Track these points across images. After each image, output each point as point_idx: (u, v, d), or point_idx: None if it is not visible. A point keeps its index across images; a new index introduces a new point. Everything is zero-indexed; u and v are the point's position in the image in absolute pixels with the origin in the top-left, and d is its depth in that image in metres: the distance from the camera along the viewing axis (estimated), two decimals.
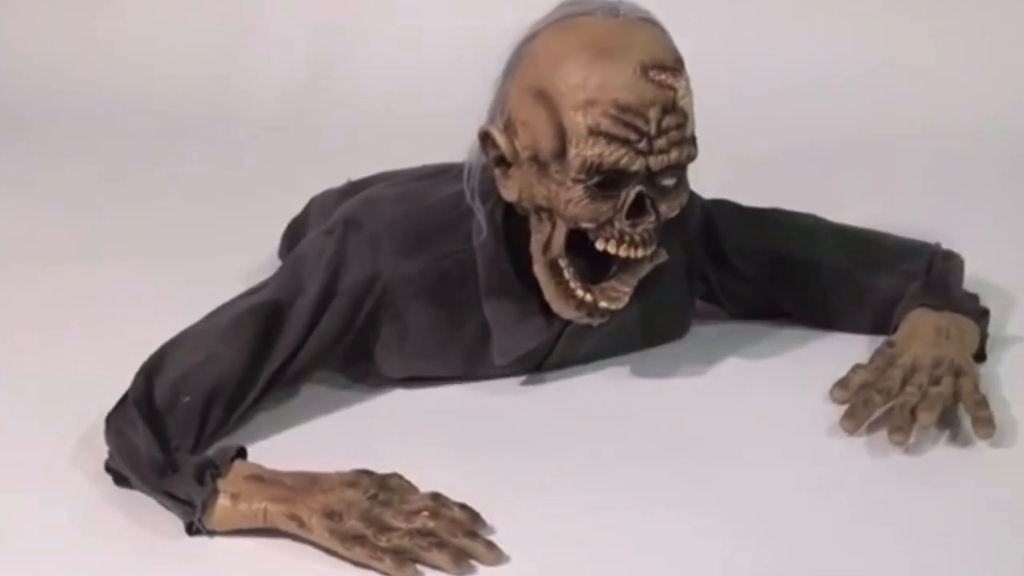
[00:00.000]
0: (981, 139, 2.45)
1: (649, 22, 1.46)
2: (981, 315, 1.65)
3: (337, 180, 1.94)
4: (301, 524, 1.29)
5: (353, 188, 1.84)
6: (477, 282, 1.54)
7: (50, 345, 1.78)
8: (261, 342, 1.48)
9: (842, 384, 1.51)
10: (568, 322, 1.56)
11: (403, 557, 1.26)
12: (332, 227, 1.56)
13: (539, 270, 1.51)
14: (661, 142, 1.42)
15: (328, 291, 1.51)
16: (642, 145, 1.41)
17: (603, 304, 1.49)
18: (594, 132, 1.39)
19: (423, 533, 1.27)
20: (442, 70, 2.71)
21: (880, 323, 1.68)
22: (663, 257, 1.50)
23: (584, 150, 1.40)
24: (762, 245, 1.70)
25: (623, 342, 1.66)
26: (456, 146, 1.57)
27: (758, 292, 1.72)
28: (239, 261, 1.98)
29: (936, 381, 1.49)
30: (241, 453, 1.39)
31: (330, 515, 1.28)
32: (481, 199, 1.52)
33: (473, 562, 1.27)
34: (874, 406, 1.48)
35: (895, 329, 1.63)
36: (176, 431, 1.40)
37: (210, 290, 1.86)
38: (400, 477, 1.35)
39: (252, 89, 2.85)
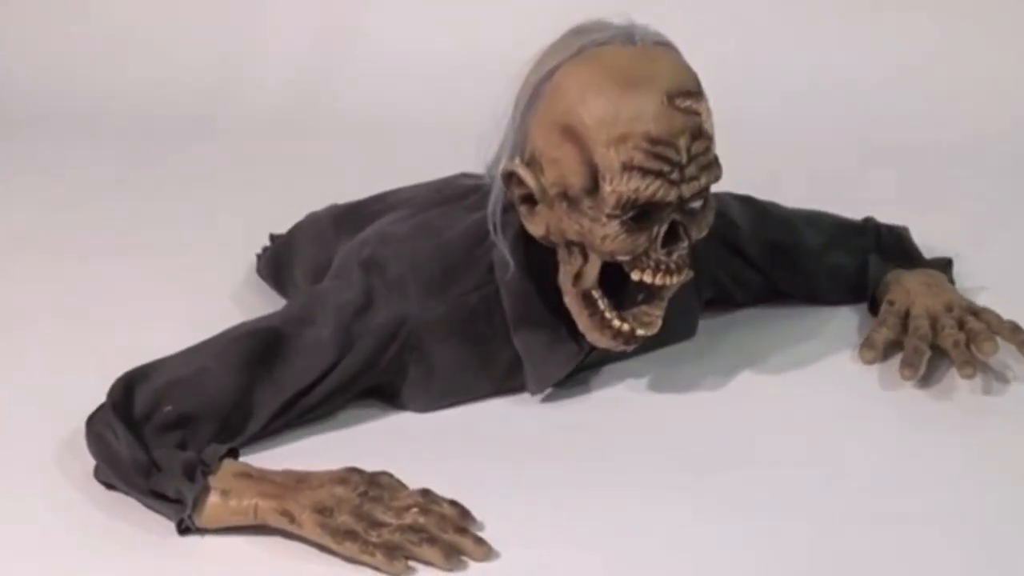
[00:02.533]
0: (988, 146, 2.45)
1: (665, 45, 1.45)
2: (946, 265, 1.79)
3: (336, 182, 1.92)
4: (292, 519, 1.29)
5: (342, 214, 1.80)
6: (503, 314, 1.53)
7: (48, 343, 1.76)
8: (256, 364, 1.45)
9: (869, 345, 1.61)
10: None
11: (394, 552, 1.26)
12: (347, 269, 1.54)
13: (570, 301, 1.49)
14: (691, 169, 1.41)
15: (352, 330, 1.48)
16: (675, 175, 1.39)
17: (640, 332, 1.49)
18: (628, 167, 1.38)
19: (413, 529, 1.28)
20: (441, 77, 2.69)
21: (857, 294, 1.77)
22: (690, 276, 1.49)
23: (619, 186, 1.38)
24: (761, 231, 1.74)
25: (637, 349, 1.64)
26: (452, 152, 1.55)
27: (765, 278, 1.75)
28: (238, 262, 1.96)
29: (960, 321, 1.60)
30: (231, 452, 1.38)
31: (321, 510, 1.28)
32: (501, 231, 1.50)
33: (463, 558, 1.28)
34: (923, 351, 1.57)
35: (874, 295, 1.74)
36: (152, 437, 1.38)
37: (209, 290, 1.89)
38: (390, 475, 1.35)
39: (252, 91, 2.81)
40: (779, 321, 1.76)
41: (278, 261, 1.86)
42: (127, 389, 1.41)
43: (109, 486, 1.40)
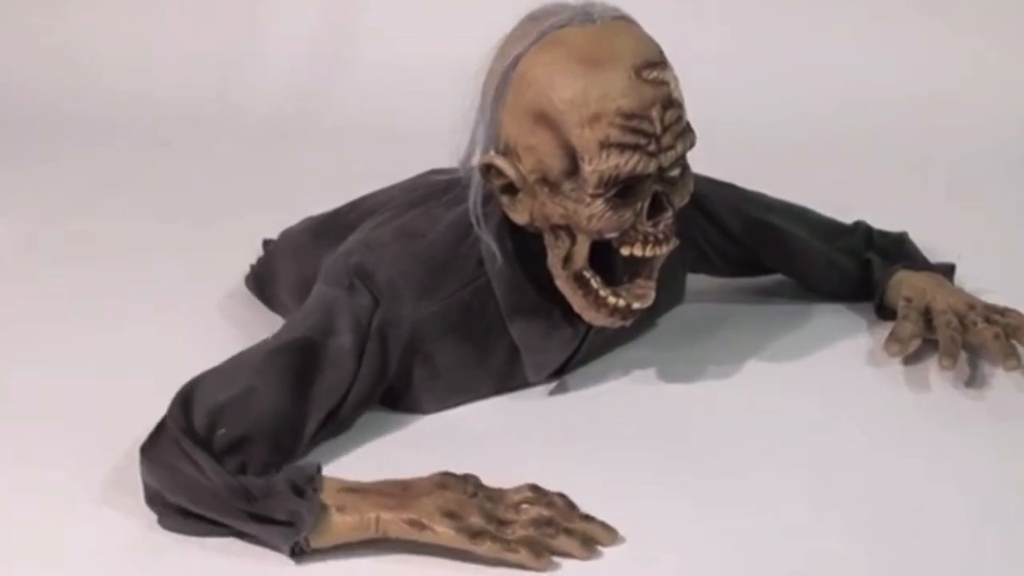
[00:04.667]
0: (989, 147, 2.45)
1: (624, 19, 1.45)
2: (949, 270, 1.79)
3: (333, 186, 1.90)
4: (422, 528, 1.26)
5: (318, 226, 1.79)
6: (496, 307, 1.53)
7: (46, 343, 1.75)
8: (299, 379, 1.43)
9: (895, 338, 1.61)
10: (592, 325, 1.55)
11: (537, 547, 1.25)
12: (337, 277, 1.52)
13: (563, 284, 1.50)
14: (667, 138, 1.41)
15: (361, 337, 1.47)
16: (652, 147, 1.40)
17: (636, 305, 1.50)
18: (605, 145, 1.38)
19: (540, 523, 1.27)
20: (438, 82, 2.59)
21: (851, 292, 1.77)
22: (676, 243, 1.50)
23: (599, 165, 1.39)
24: (742, 208, 1.75)
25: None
26: (449, 156, 1.54)
27: (744, 250, 1.76)
28: (235, 266, 1.94)
29: (986, 319, 1.61)
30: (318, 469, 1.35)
31: (449, 515, 1.26)
32: (485, 223, 1.51)
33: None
34: (959, 342, 1.58)
35: (882, 296, 1.73)
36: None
37: (208, 291, 1.89)
38: (478, 478, 1.33)
39: (248, 95, 2.81)
40: (784, 320, 1.76)
41: (261, 280, 1.85)
42: (185, 412, 1.36)
43: (163, 513, 1.34)
